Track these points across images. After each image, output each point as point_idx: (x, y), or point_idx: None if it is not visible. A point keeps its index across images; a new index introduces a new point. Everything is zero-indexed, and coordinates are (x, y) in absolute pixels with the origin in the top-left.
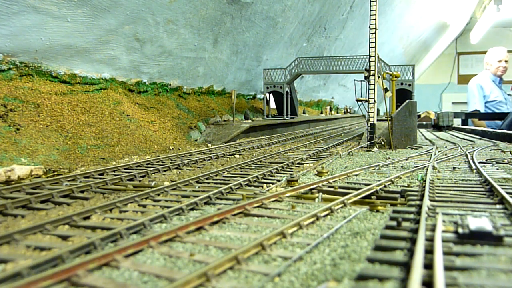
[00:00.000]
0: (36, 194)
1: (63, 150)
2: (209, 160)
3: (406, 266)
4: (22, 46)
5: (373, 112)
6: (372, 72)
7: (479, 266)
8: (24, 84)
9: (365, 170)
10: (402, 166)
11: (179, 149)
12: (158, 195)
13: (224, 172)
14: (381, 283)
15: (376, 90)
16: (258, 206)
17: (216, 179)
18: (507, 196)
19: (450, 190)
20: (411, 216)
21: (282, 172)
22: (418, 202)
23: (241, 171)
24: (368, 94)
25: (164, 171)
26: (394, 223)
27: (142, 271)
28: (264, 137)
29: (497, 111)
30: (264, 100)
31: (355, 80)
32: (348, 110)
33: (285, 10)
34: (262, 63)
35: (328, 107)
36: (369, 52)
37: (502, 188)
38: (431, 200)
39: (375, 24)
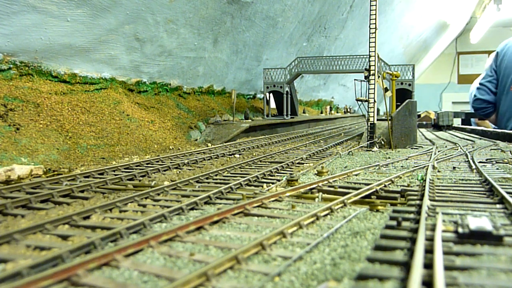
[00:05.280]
0: (36, 193)
1: (63, 150)
2: (209, 159)
3: (406, 266)
4: (22, 45)
5: (373, 112)
6: (372, 72)
7: (479, 265)
8: (24, 83)
9: (365, 170)
10: (402, 166)
11: (179, 149)
12: (158, 194)
13: (224, 172)
14: (381, 282)
15: (376, 90)
16: (258, 206)
17: (216, 179)
18: (507, 196)
19: (450, 189)
20: (411, 215)
21: (282, 171)
22: (418, 202)
23: (241, 171)
24: (368, 93)
25: (164, 170)
26: (394, 222)
27: (142, 271)
28: (264, 136)
29: None
30: (264, 100)
31: (355, 79)
32: (348, 110)
33: (285, 9)
34: (262, 63)
35: (328, 107)
36: (369, 51)
37: (502, 188)
38: (431, 200)
39: (375, 23)
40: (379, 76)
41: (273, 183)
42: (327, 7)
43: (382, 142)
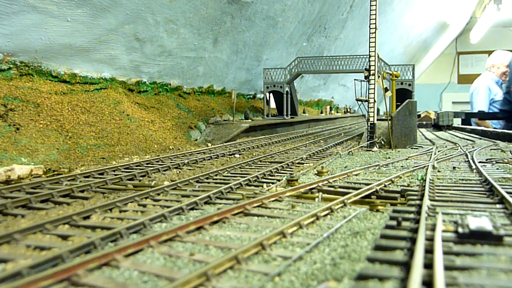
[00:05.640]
0: (36, 193)
1: (63, 150)
2: (209, 159)
3: (406, 266)
4: (22, 45)
5: (373, 112)
6: (372, 72)
7: (479, 265)
8: (24, 83)
9: (365, 170)
10: (402, 166)
11: (179, 149)
12: (158, 194)
13: (224, 172)
14: (381, 282)
15: (376, 90)
16: (258, 206)
17: (216, 179)
18: (507, 196)
19: (450, 189)
20: (411, 215)
21: (282, 171)
22: (418, 202)
23: (241, 171)
24: (368, 93)
25: (164, 170)
26: (394, 222)
27: (142, 271)
28: (264, 136)
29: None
30: (264, 100)
31: (355, 79)
32: (348, 110)
33: (285, 9)
34: (262, 63)
35: (328, 107)
36: (369, 51)
37: (502, 188)
38: (431, 200)
39: (375, 23)
40: (379, 76)
41: (273, 183)
42: (327, 7)
43: (382, 142)
